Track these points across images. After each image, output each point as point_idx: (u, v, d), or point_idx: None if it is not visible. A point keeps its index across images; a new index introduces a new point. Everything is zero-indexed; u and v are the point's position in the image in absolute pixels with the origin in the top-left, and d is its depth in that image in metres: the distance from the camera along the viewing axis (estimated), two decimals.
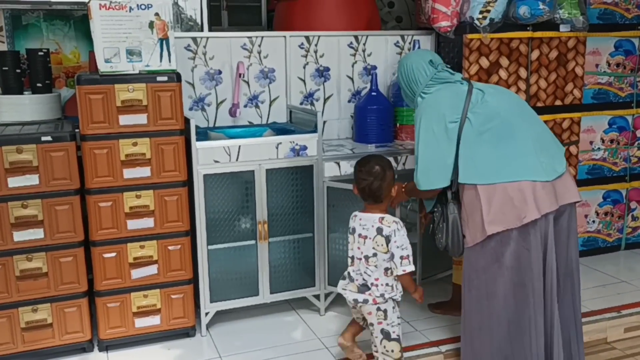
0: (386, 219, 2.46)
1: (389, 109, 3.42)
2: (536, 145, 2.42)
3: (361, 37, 3.55)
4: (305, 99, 3.51)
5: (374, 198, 2.48)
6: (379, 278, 2.45)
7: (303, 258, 3.10)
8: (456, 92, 2.54)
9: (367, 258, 2.46)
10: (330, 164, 3.05)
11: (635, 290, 3.40)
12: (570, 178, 2.49)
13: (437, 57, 2.73)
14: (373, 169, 2.48)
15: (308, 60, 3.47)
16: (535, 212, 2.32)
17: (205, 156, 2.82)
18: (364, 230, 2.48)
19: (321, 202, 3.04)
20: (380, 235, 2.44)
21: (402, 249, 2.42)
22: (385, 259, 2.44)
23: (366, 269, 2.47)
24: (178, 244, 2.81)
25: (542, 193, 2.35)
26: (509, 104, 2.52)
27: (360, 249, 2.48)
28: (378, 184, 2.46)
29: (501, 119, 2.44)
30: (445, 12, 3.41)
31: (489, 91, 2.53)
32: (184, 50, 3.22)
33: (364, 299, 2.48)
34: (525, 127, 2.46)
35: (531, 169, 2.37)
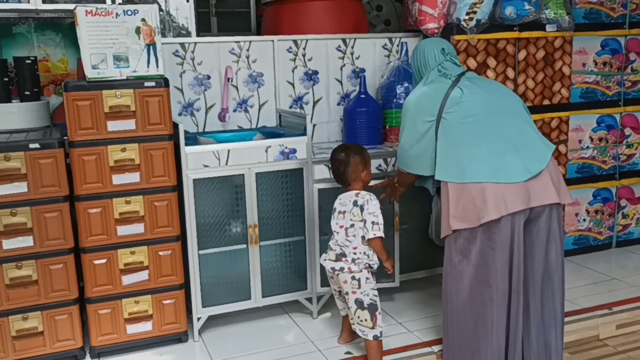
0: (361, 194, 2.66)
1: (378, 111, 3.43)
2: (509, 146, 2.41)
3: (349, 40, 3.57)
4: (295, 102, 3.52)
5: (342, 181, 2.71)
6: (357, 247, 2.60)
7: (294, 261, 3.10)
8: (439, 90, 2.56)
9: (346, 230, 2.62)
10: (320, 166, 3.06)
11: (626, 287, 3.42)
12: (549, 179, 2.42)
13: (450, 47, 2.73)
14: (339, 156, 2.68)
15: (297, 64, 3.48)
16: (493, 213, 2.33)
17: (194, 161, 2.82)
18: (342, 207, 2.67)
19: (312, 205, 3.04)
20: (355, 207, 2.62)
21: (373, 216, 2.58)
22: (360, 227, 2.60)
23: (345, 240, 2.61)
24: (169, 249, 2.81)
25: (508, 194, 2.35)
26: (486, 103, 2.50)
27: (339, 223, 2.65)
28: (343, 169, 2.67)
29: (474, 118, 2.46)
30: (432, 14, 3.43)
31: (470, 89, 2.53)
32: (172, 55, 3.22)
33: (340, 266, 2.61)
34: (501, 127, 2.46)
35: (497, 171, 2.37)
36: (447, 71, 2.62)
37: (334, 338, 2.91)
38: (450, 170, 2.45)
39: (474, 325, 2.47)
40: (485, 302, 2.43)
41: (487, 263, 2.40)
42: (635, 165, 4.00)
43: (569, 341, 2.98)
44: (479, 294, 2.43)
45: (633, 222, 4.07)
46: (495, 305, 2.41)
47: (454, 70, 2.63)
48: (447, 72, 2.62)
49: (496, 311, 2.41)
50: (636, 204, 4.05)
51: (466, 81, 2.58)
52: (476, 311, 2.45)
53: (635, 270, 3.67)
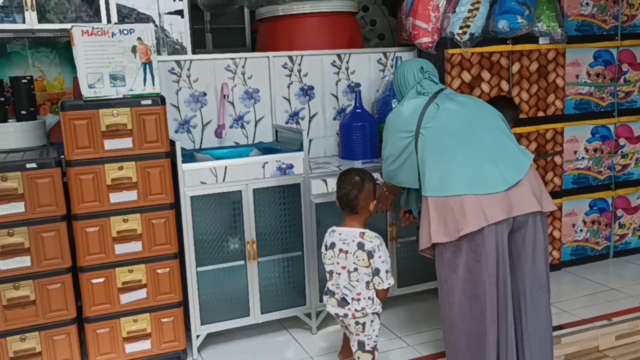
0: (367, 234, 2.49)
1: (374, 126, 3.44)
2: (487, 157, 2.42)
3: (344, 55, 3.59)
4: (291, 118, 3.53)
5: (350, 208, 2.52)
6: (361, 292, 2.47)
7: (293, 277, 3.09)
8: (416, 106, 2.57)
9: (349, 273, 2.48)
10: (317, 181, 3.06)
11: (625, 297, 3.42)
12: (529, 188, 2.41)
13: (429, 66, 2.75)
14: (352, 178, 2.54)
15: (292, 80, 3.50)
16: (473, 225, 2.33)
17: (191, 178, 2.82)
18: (344, 245, 2.50)
19: (309, 220, 3.04)
20: (361, 250, 2.46)
21: (386, 263, 2.47)
22: (366, 273, 2.46)
23: (348, 283, 2.48)
24: (167, 267, 2.80)
25: (487, 204, 2.35)
26: (462, 117, 2.50)
27: (340, 263, 2.50)
28: (355, 194, 2.50)
29: (450, 134, 2.47)
30: (426, 29, 3.46)
31: (446, 105, 2.53)
32: (168, 73, 3.23)
33: (344, 313, 2.51)
34: (478, 140, 2.46)
35: (475, 182, 2.38)
36: (425, 89, 2.63)
37: (334, 354, 2.89)
38: (429, 184, 2.45)
39: (466, 342, 2.46)
40: (476, 316, 2.42)
41: (473, 276, 2.39)
42: (630, 175, 4.02)
43: (568, 353, 2.98)
44: (469, 308, 2.43)
45: (630, 231, 4.08)
46: (487, 318, 2.40)
47: (431, 88, 2.64)
48: (425, 90, 2.63)
49: (489, 325, 2.40)
50: (632, 214, 4.06)
51: (443, 97, 2.59)
52: (468, 327, 2.45)
53: (634, 280, 3.68)
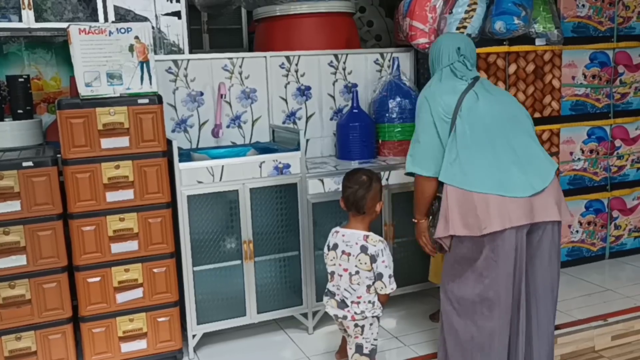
0: (371, 238, 2.45)
1: (371, 126, 3.45)
2: (515, 159, 2.42)
3: (341, 55, 3.59)
4: (288, 118, 3.53)
5: (356, 208, 2.47)
6: (362, 295, 2.44)
7: (290, 277, 3.09)
8: (455, 89, 2.52)
9: (350, 275, 2.45)
10: (314, 181, 3.06)
11: (621, 298, 3.43)
12: (551, 196, 2.42)
13: (467, 47, 2.63)
14: (360, 178, 2.49)
15: (289, 80, 3.50)
16: (497, 225, 2.33)
17: (188, 177, 2.82)
18: (347, 247, 2.47)
19: (306, 220, 3.04)
20: (364, 254, 2.42)
21: (389, 268, 2.43)
22: (367, 277, 2.43)
23: (349, 286, 2.46)
24: (163, 267, 2.80)
25: (510, 208, 2.35)
26: (498, 113, 2.49)
27: (342, 265, 2.47)
28: (362, 193, 2.45)
29: (485, 127, 2.45)
30: (423, 29, 3.47)
31: (484, 96, 2.50)
32: (165, 72, 3.23)
33: (343, 314, 2.48)
34: (508, 139, 2.45)
35: (502, 184, 2.37)
36: (459, 72, 2.56)
37: (331, 354, 2.89)
38: (453, 174, 2.41)
39: (470, 336, 2.46)
40: (485, 313, 2.42)
41: (490, 274, 2.39)
42: (626, 176, 4.03)
43: (564, 353, 2.98)
44: (480, 304, 2.42)
45: (625, 233, 4.10)
46: (496, 317, 2.40)
47: (467, 73, 2.57)
48: (460, 74, 2.56)
49: (498, 323, 2.41)
50: (628, 215, 4.08)
51: (481, 87, 2.53)
52: (476, 321, 2.44)
53: (629, 280, 3.69)
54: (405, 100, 3.45)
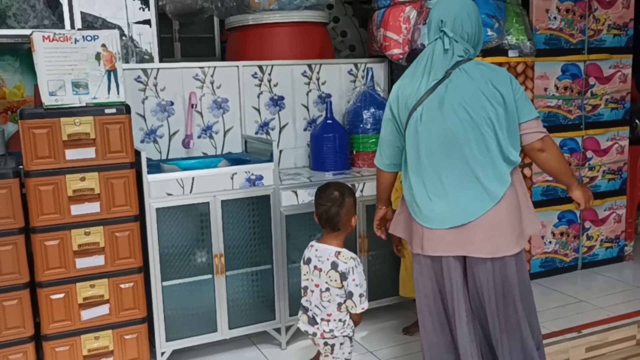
0: (343, 254, 2.37)
1: (345, 137, 3.41)
2: (438, 190, 2.24)
3: (315, 65, 3.55)
4: (261, 128, 3.48)
5: (331, 225, 2.40)
6: (332, 313, 2.37)
7: (262, 291, 3.02)
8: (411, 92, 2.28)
9: (321, 292, 2.38)
10: (288, 193, 3.01)
11: (594, 309, 3.43)
12: (480, 232, 2.20)
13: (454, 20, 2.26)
14: (332, 194, 2.41)
15: (262, 90, 3.45)
16: (415, 247, 2.35)
17: (157, 189, 2.74)
18: (319, 262, 2.40)
19: (279, 233, 2.98)
20: (334, 271, 2.35)
21: (360, 287, 2.34)
22: (338, 294, 2.36)
23: (320, 303, 2.39)
24: (130, 282, 2.70)
25: (427, 236, 2.27)
26: (435, 137, 2.22)
27: (314, 281, 2.41)
28: (336, 210, 2.38)
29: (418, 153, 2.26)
30: (397, 40, 3.45)
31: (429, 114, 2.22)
32: (134, 81, 3.15)
33: (313, 331, 2.42)
34: (437, 168, 2.24)
35: (421, 212, 2.28)
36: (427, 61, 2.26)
37: None
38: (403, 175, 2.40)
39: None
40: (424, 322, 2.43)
41: (418, 287, 2.41)
42: (597, 187, 4.06)
43: None
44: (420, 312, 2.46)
45: (597, 243, 4.12)
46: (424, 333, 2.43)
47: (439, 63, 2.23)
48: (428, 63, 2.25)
49: (425, 340, 2.43)
50: (600, 226, 4.10)
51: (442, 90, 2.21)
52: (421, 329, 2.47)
53: (602, 291, 3.70)
54: (380, 111, 3.41)
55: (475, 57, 2.32)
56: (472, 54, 2.29)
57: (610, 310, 3.39)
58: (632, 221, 4.26)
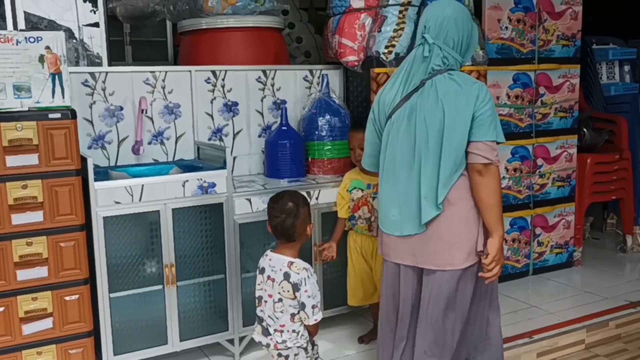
0: (295, 265, 2.31)
1: (300, 143, 3.37)
2: (396, 200, 2.30)
3: (269, 71, 3.51)
4: (214, 134, 3.40)
5: (286, 237, 2.35)
6: (285, 324, 2.32)
7: (215, 301, 2.94)
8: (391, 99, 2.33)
9: (274, 302, 2.33)
10: (241, 200, 2.95)
11: (544, 314, 3.49)
12: (430, 244, 2.25)
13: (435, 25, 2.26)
14: (286, 205, 2.34)
15: (215, 95, 3.38)
16: (380, 251, 2.47)
17: (104, 197, 2.63)
18: (272, 272, 2.34)
19: (232, 241, 2.92)
20: (286, 281, 2.29)
21: (313, 298, 2.29)
22: (291, 305, 2.31)
23: (273, 314, 2.34)
24: (76, 294, 2.59)
25: (386, 241, 2.38)
26: (401, 149, 2.28)
27: (267, 291, 2.35)
28: (291, 222, 2.32)
29: (388, 162, 2.34)
30: (352, 47, 3.44)
31: (397, 127, 2.28)
32: (81, 85, 3.04)
33: (267, 342, 2.36)
34: (397, 178, 2.29)
35: (383, 218, 2.38)
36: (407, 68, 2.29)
37: None
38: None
39: None
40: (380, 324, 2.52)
41: (381, 290, 2.50)
42: (547, 194, 4.15)
43: None
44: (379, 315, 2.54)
45: (548, 249, 4.20)
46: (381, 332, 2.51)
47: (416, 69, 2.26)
48: (407, 70, 2.29)
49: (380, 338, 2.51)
50: (550, 232, 4.19)
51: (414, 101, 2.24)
52: None
53: (552, 296, 3.77)
54: (335, 118, 3.40)
55: (463, 65, 2.32)
56: (454, 62, 2.26)
57: (560, 315, 3.45)
58: (580, 227, 4.37)
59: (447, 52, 2.24)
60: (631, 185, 4.52)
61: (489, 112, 2.18)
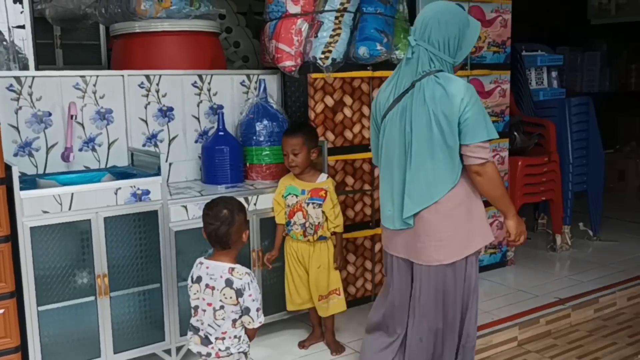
0: (237, 270, 2.29)
1: (238, 149, 3.34)
2: (390, 194, 2.46)
3: (205, 76, 3.47)
4: (148, 140, 3.33)
5: (221, 244, 2.31)
6: (227, 331, 2.29)
7: (150, 311, 2.87)
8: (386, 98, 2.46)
9: (214, 310, 2.29)
10: (177, 207, 2.89)
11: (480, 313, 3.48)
12: (414, 239, 2.41)
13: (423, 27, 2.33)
14: (220, 212, 2.30)
15: (150, 100, 3.31)
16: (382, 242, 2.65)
17: (31, 207, 2.53)
18: (211, 280, 2.30)
19: (168, 249, 2.86)
20: (229, 288, 2.26)
21: (257, 301, 2.29)
22: (233, 311, 2.28)
23: (213, 322, 2.30)
24: (1, 308, 2.47)
25: (384, 234, 2.59)
26: (392, 144, 2.41)
27: (206, 300, 2.30)
28: (226, 229, 2.29)
29: (384, 157, 2.49)
30: (289, 52, 3.45)
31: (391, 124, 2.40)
32: (5, 90, 2.91)
33: (207, 352, 2.31)
34: (392, 173, 2.43)
35: (381, 213, 2.57)
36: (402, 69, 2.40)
37: None
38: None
39: None
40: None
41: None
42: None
43: None
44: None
45: (482, 250, 4.31)
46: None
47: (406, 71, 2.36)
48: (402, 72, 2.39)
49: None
50: None
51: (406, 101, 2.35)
52: None
53: (486, 295, 3.87)
54: (273, 123, 3.39)
55: (456, 65, 2.37)
56: (442, 64, 2.31)
57: (494, 314, 3.55)
58: None
59: (433, 53, 2.29)
60: (559, 187, 4.71)
61: (475, 114, 2.25)
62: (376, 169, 3.54)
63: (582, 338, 3.46)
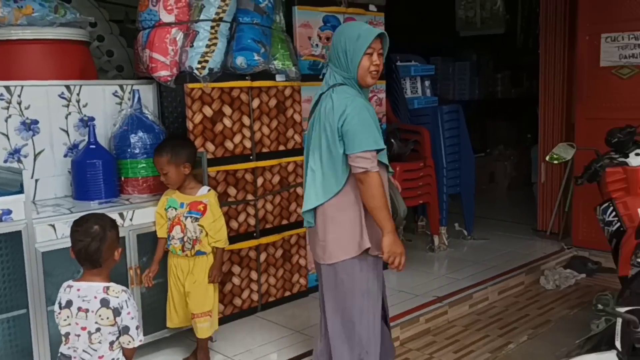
0: (112, 288, 2.18)
1: (111, 162, 3.20)
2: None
3: (74, 86, 3.29)
4: (10, 155, 3.10)
5: (91, 262, 2.19)
6: (104, 355, 2.17)
7: (17, 339, 2.67)
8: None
9: (90, 334, 2.16)
10: (44, 226, 2.72)
11: None
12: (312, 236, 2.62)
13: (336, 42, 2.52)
14: (91, 228, 2.18)
15: (10, 113, 3.08)
16: None
17: None
18: (84, 303, 2.16)
19: (35, 272, 2.68)
20: (106, 308, 2.15)
21: (136, 319, 2.20)
22: (110, 332, 2.17)
23: (89, 347, 2.17)
24: None
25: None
26: (306, 145, 2.64)
27: (80, 324, 2.16)
28: (96, 246, 2.17)
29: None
30: (164, 62, 3.36)
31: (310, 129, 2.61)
32: None
33: None
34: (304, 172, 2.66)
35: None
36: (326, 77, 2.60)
37: None
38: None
39: None
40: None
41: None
42: None
43: None
44: None
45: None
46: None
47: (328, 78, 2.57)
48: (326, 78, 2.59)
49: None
50: None
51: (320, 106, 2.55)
52: None
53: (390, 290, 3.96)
54: (149, 134, 3.28)
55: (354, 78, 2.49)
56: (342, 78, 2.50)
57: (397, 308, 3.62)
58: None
59: (333, 69, 2.54)
60: (435, 190, 4.95)
61: (355, 126, 2.40)
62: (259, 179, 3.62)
63: (458, 333, 3.66)
